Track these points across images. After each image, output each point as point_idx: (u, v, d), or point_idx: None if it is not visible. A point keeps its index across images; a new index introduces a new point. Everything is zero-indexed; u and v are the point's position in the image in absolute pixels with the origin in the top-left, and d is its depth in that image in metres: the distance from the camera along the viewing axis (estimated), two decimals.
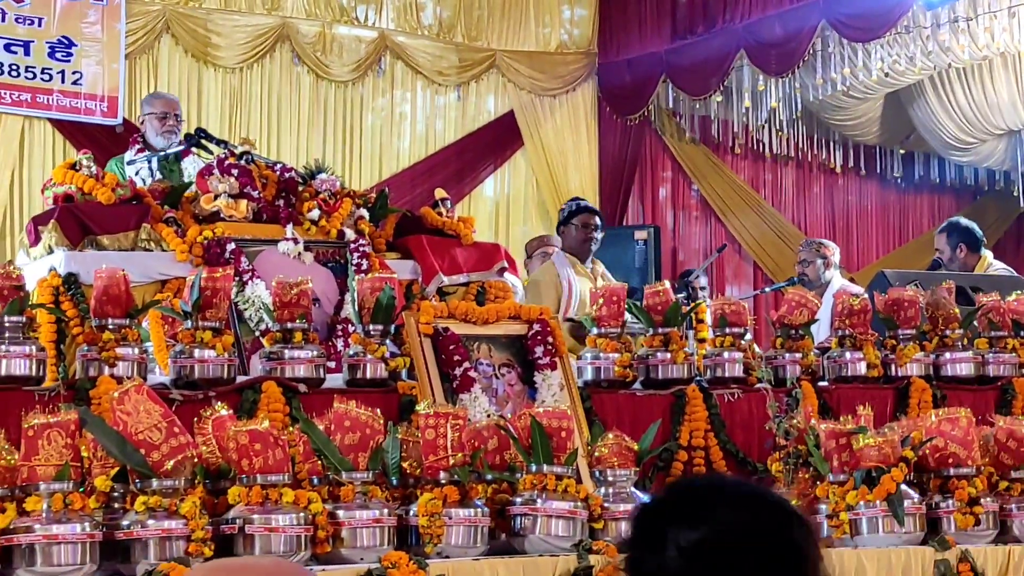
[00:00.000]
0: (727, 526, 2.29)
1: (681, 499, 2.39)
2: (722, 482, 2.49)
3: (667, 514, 2.36)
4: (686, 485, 2.54)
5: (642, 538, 2.39)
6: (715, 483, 2.50)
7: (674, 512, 2.36)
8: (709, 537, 2.29)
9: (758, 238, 15.85)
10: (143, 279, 6.53)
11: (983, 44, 12.95)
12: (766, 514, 2.32)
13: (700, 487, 2.44)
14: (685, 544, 2.29)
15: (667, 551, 2.30)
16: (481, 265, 7.42)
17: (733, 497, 2.35)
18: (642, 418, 6.56)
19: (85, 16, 12.72)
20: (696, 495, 2.37)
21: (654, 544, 2.34)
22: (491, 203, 15.11)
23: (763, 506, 2.33)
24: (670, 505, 2.39)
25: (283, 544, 5.11)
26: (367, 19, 14.39)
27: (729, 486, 2.42)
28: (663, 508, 2.40)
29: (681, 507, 2.36)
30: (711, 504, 2.33)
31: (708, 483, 2.52)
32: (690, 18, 14.69)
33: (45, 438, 4.92)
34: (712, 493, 2.37)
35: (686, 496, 2.40)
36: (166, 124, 8.63)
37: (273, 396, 5.94)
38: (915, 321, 7.33)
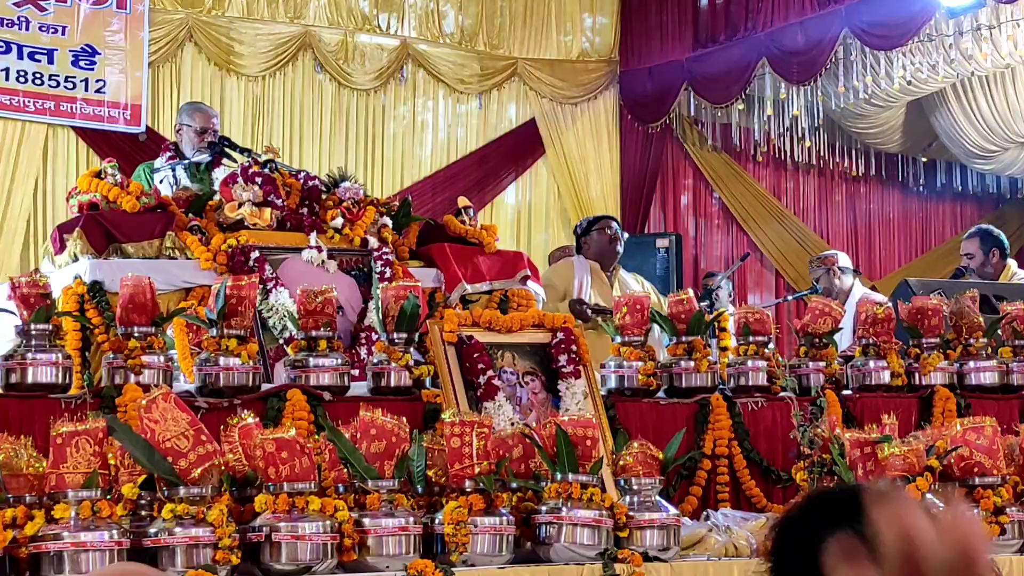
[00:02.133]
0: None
1: (828, 504, 2.43)
2: (863, 486, 2.53)
3: (817, 519, 2.40)
4: (829, 490, 2.58)
5: (793, 543, 2.43)
6: (857, 487, 2.55)
7: (824, 516, 2.39)
8: (866, 532, 2.32)
9: (780, 246, 15.84)
10: (168, 287, 6.55)
11: (1006, 52, 12.93)
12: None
13: (844, 492, 2.48)
14: (843, 539, 2.31)
15: (825, 549, 2.33)
16: (504, 273, 7.42)
17: (876, 498, 2.38)
18: (666, 427, 6.55)
19: (108, 24, 12.76)
20: (842, 499, 2.41)
21: (807, 546, 2.37)
22: (512, 211, 15.13)
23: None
24: (818, 510, 2.43)
25: (309, 552, 5.11)
26: (389, 27, 14.42)
27: (870, 489, 2.45)
28: (811, 514, 2.44)
29: (831, 510, 2.39)
30: (858, 505, 2.36)
31: (850, 488, 2.56)
32: (712, 26, 14.69)
33: (73, 446, 4.94)
34: (858, 496, 2.41)
35: (833, 501, 2.44)
36: (203, 140, 8.59)
37: (298, 404, 5.95)
38: (939, 330, 7.32)
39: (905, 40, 12.88)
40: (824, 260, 10.74)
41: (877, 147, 15.89)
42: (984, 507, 6.10)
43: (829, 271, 10.54)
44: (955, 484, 6.21)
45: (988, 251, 9.98)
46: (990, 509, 6.10)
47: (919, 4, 12.55)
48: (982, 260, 9.98)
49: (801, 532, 2.39)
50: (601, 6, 15.45)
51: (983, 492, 6.15)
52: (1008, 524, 6.14)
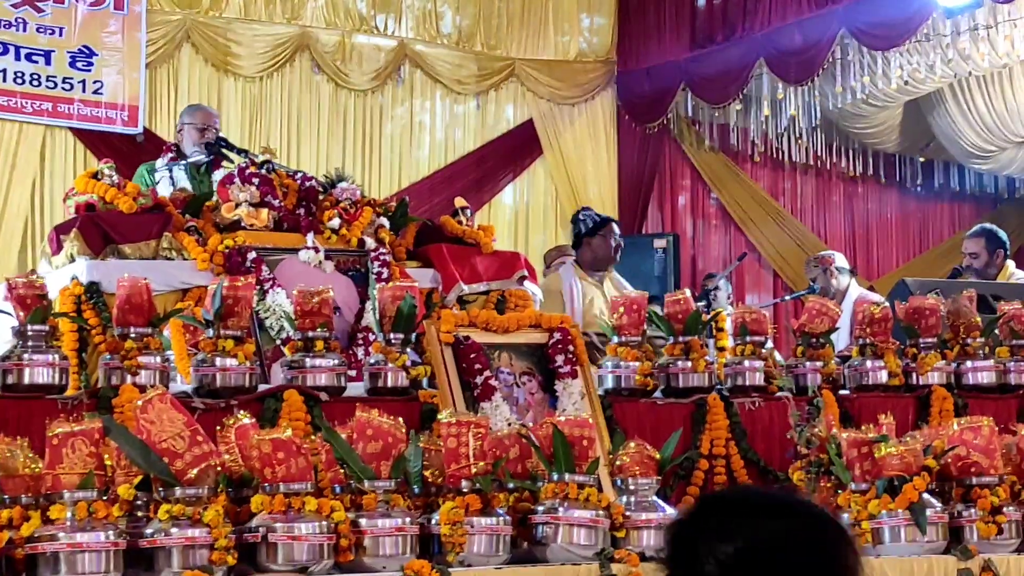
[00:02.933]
0: (765, 537, 2.27)
1: (716, 512, 2.37)
2: (756, 493, 2.46)
3: (703, 528, 2.34)
4: (720, 498, 2.51)
5: (679, 554, 2.37)
6: (749, 494, 2.48)
7: (709, 526, 2.33)
8: (747, 549, 2.26)
9: (777, 246, 15.85)
10: (164, 288, 6.54)
11: (1003, 52, 12.93)
12: (803, 523, 2.31)
13: (734, 499, 2.41)
14: (723, 557, 2.27)
15: (706, 566, 2.29)
16: (501, 274, 7.42)
17: (769, 507, 2.33)
18: (663, 427, 6.55)
19: (106, 26, 12.77)
20: (731, 507, 2.34)
21: (691, 559, 2.32)
22: (510, 212, 15.13)
23: (800, 515, 2.32)
24: (705, 519, 2.37)
25: (306, 552, 5.11)
26: (386, 28, 14.43)
27: (764, 497, 2.39)
28: (698, 522, 2.38)
29: (717, 520, 2.33)
30: (747, 515, 2.30)
31: (742, 495, 2.49)
32: (709, 27, 14.69)
33: (69, 446, 4.93)
34: (747, 504, 2.35)
35: (721, 509, 2.37)
36: (204, 137, 8.63)
37: (295, 405, 5.95)
38: (936, 329, 7.31)
39: (902, 40, 12.88)
40: (821, 260, 10.75)
41: (875, 147, 15.90)
42: (981, 507, 6.10)
43: (826, 271, 10.54)
44: (952, 483, 6.22)
45: (993, 251, 9.98)
46: (987, 509, 6.10)
47: (916, 4, 12.55)
48: (986, 260, 9.98)
49: (687, 540, 2.35)
50: (599, 7, 15.46)
51: (980, 492, 6.15)
52: (1005, 524, 6.14)
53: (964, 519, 6.14)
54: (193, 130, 8.73)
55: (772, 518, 2.30)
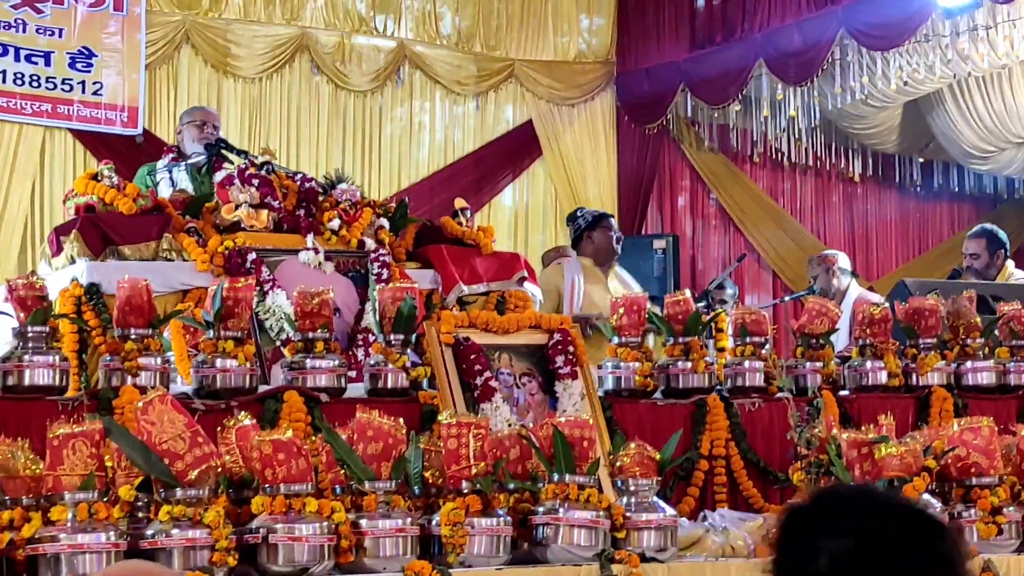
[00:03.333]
0: (878, 535, 2.31)
1: (831, 507, 2.42)
2: (870, 492, 2.51)
3: (818, 522, 2.39)
4: (835, 494, 2.57)
5: (792, 544, 2.42)
6: (864, 493, 2.53)
7: (825, 520, 2.38)
8: (860, 546, 2.31)
9: (777, 247, 15.85)
10: (165, 289, 6.54)
11: (1003, 52, 12.92)
12: (914, 524, 2.36)
13: (849, 496, 2.46)
14: (836, 552, 2.31)
15: (818, 559, 2.33)
16: (501, 275, 7.42)
17: (882, 507, 2.38)
18: (663, 427, 6.55)
19: (105, 27, 12.76)
20: (846, 504, 2.39)
21: (804, 551, 2.36)
22: (510, 212, 15.13)
23: (911, 516, 2.37)
24: (821, 513, 2.42)
25: (307, 553, 5.11)
26: (386, 29, 14.43)
27: (877, 496, 2.45)
28: (814, 516, 2.43)
29: (832, 515, 2.38)
30: (861, 513, 2.35)
31: (857, 492, 2.55)
32: (708, 27, 14.69)
33: (70, 448, 4.94)
34: (861, 502, 2.40)
35: (836, 505, 2.43)
36: (203, 132, 8.65)
37: (295, 406, 5.95)
38: (936, 330, 7.32)
39: (902, 41, 12.87)
40: (824, 259, 10.73)
41: (874, 148, 15.90)
42: (981, 507, 6.10)
43: (828, 270, 10.53)
44: (952, 484, 6.22)
45: (994, 252, 9.99)
46: (987, 509, 6.10)
47: (916, 5, 12.55)
48: (987, 260, 9.98)
49: (801, 535, 2.38)
50: (598, 7, 15.45)
51: (980, 492, 6.15)
52: (1005, 524, 6.14)
53: (964, 520, 6.14)
54: (192, 127, 8.74)
55: (888, 518, 2.35)
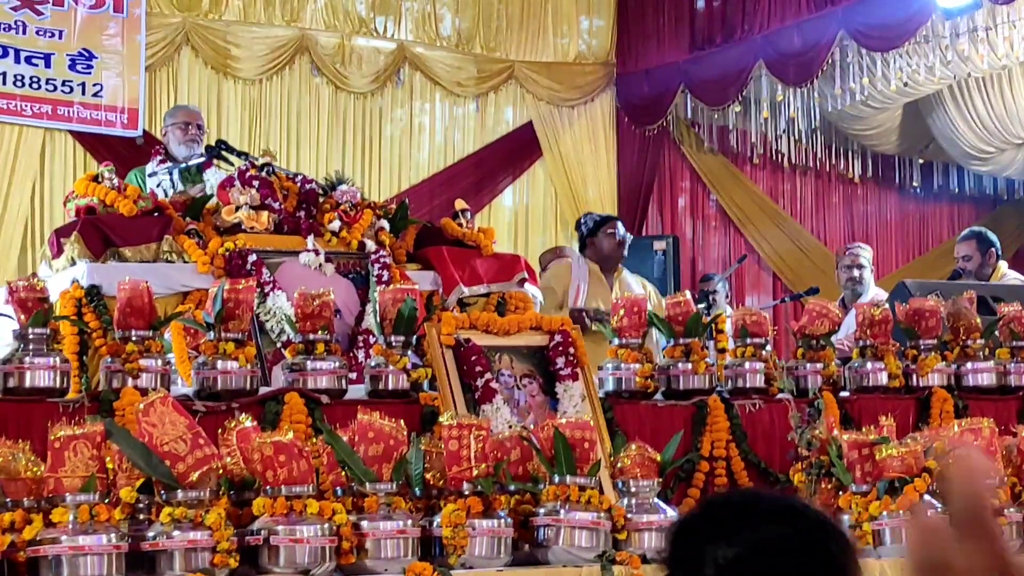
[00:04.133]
0: (766, 541, 2.25)
1: (718, 515, 2.35)
2: (758, 497, 2.43)
3: (704, 530, 2.32)
4: (722, 501, 2.50)
5: (679, 556, 2.36)
6: (751, 498, 2.45)
7: (711, 528, 2.32)
8: (748, 553, 2.24)
9: (777, 248, 15.84)
10: (165, 291, 6.54)
11: (1002, 53, 12.92)
12: (804, 528, 2.28)
13: (736, 502, 2.39)
14: (723, 561, 2.25)
15: (705, 568, 2.28)
16: (501, 276, 7.42)
17: (770, 511, 2.31)
18: (663, 429, 6.56)
19: (105, 29, 12.76)
20: (732, 510, 2.33)
21: (692, 562, 2.30)
22: (510, 214, 15.12)
23: (801, 520, 2.29)
24: (706, 521, 2.36)
25: (308, 555, 5.12)
26: (386, 30, 14.42)
27: (765, 500, 2.37)
28: (699, 524, 2.36)
29: (718, 523, 2.32)
30: (748, 519, 2.28)
31: (744, 498, 2.47)
32: (708, 28, 14.68)
33: (71, 450, 4.94)
34: (748, 508, 2.32)
35: (723, 512, 2.35)
36: (188, 133, 8.66)
37: (296, 407, 5.95)
38: (936, 331, 7.32)
39: (902, 42, 12.87)
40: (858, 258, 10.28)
41: (874, 149, 15.90)
42: None
43: (867, 267, 10.20)
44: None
45: (985, 252, 9.98)
46: None
47: (916, 6, 12.55)
48: (980, 261, 9.97)
49: (688, 545, 2.34)
50: (597, 9, 15.45)
51: None
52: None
53: None
54: (176, 129, 8.74)
55: (775, 522, 2.29)
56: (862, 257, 10.23)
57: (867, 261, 10.23)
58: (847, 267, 10.19)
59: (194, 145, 8.60)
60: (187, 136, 8.66)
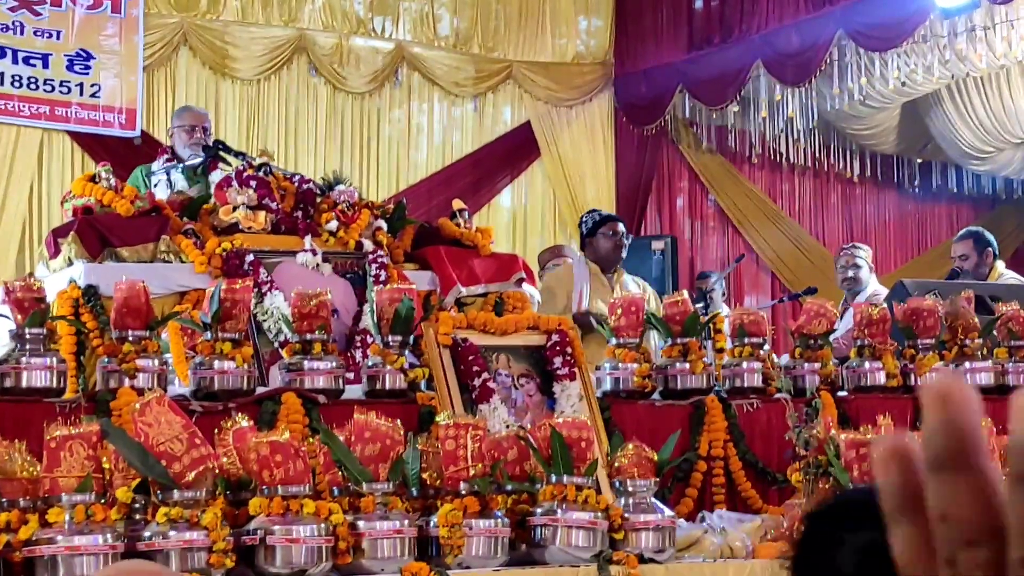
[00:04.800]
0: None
1: (855, 504, 2.46)
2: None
3: (842, 517, 2.42)
4: (859, 492, 2.60)
5: (815, 539, 2.45)
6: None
7: (849, 515, 2.42)
8: (883, 538, 2.33)
9: (775, 248, 15.84)
10: (162, 291, 6.54)
11: (1001, 53, 12.93)
12: None
13: (871, 493, 2.48)
14: (860, 544, 2.33)
15: (842, 550, 2.36)
16: (499, 276, 7.42)
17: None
18: (661, 428, 6.55)
19: (103, 29, 12.75)
20: (868, 500, 2.42)
21: (827, 545, 2.39)
22: (508, 214, 15.12)
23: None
24: (844, 509, 2.46)
25: (304, 555, 5.11)
26: (384, 31, 14.42)
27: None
28: (837, 512, 2.47)
29: (855, 511, 2.42)
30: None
31: (877, 490, 2.57)
32: (706, 28, 14.69)
33: (67, 450, 4.94)
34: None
35: (860, 501, 2.46)
36: (193, 137, 8.65)
37: (293, 407, 5.95)
38: (934, 331, 7.32)
39: (900, 41, 12.87)
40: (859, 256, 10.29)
41: (872, 148, 15.90)
42: None
43: (863, 267, 10.18)
44: None
45: (982, 251, 9.97)
46: None
47: (914, 5, 12.55)
48: (976, 261, 9.96)
49: (824, 530, 2.41)
50: (596, 9, 15.45)
51: None
52: None
53: None
54: (182, 132, 8.74)
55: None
56: (858, 257, 10.22)
57: (863, 260, 10.21)
58: (843, 268, 10.19)
59: (199, 148, 8.57)
60: (192, 139, 8.65)
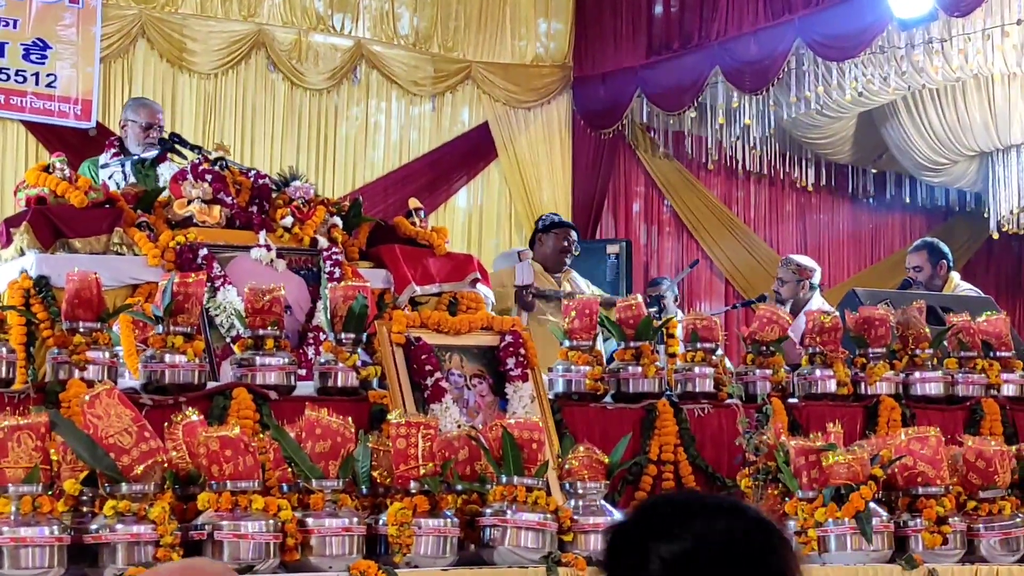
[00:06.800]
0: (708, 538, 2.28)
1: (661, 513, 2.38)
2: (699, 496, 2.47)
3: (647, 529, 2.34)
4: (664, 500, 2.53)
5: (622, 553, 2.37)
6: (693, 497, 2.48)
7: (654, 526, 2.34)
8: (691, 549, 2.26)
9: (730, 254, 15.87)
10: (115, 283, 6.51)
11: (957, 66, 13.00)
12: (746, 526, 2.31)
13: (679, 501, 2.41)
14: (667, 556, 2.27)
15: (649, 565, 2.29)
16: (454, 276, 7.42)
17: (712, 510, 2.33)
18: (612, 431, 6.56)
19: (60, 19, 12.67)
20: (675, 509, 2.35)
21: (635, 559, 2.32)
22: (464, 214, 15.11)
23: (742, 518, 2.33)
24: (649, 519, 2.38)
25: (252, 551, 5.09)
26: (343, 28, 14.38)
27: (707, 500, 2.40)
28: (642, 523, 2.38)
29: (661, 521, 2.34)
30: (691, 517, 2.31)
31: (686, 497, 2.50)
32: (666, 34, 14.71)
33: (15, 440, 4.90)
34: (691, 507, 2.35)
35: (666, 510, 2.38)
36: (148, 136, 8.59)
37: (243, 403, 5.93)
38: (885, 340, 7.36)
39: (857, 51, 12.92)
40: (801, 271, 10.51)
41: (828, 157, 15.94)
42: (927, 516, 6.14)
43: (800, 282, 10.41)
44: (899, 493, 6.25)
45: (936, 263, 10.03)
46: (933, 519, 6.14)
47: (872, 16, 12.59)
48: (930, 273, 10.02)
49: (631, 541, 2.36)
50: (556, 12, 15.46)
51: (926, 502, 6.18)
52: (950, 534, 6.18)
53: (910, 529, 6.18)
54: (137, 128, 8.68)
55: (717, 520, 2.30)
56: (780, 271, 10.50)
57: (787, 275, 10.43)
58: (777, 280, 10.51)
59: (152, 148, 8.50)
60: (147, 139, 8.59)
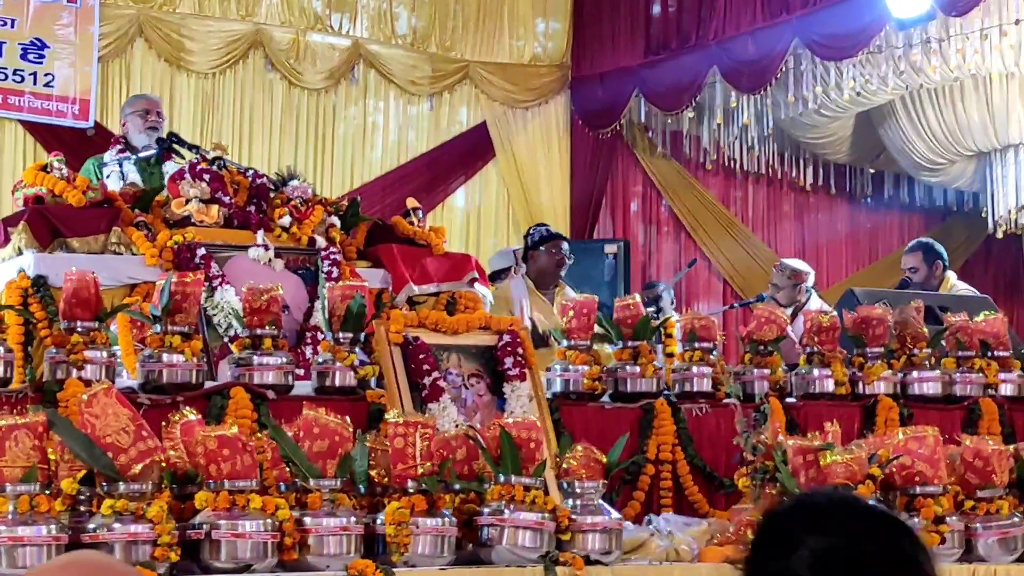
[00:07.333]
0: (857, 536, 2.42)
1: (814, 508, 2.55)
2: (851, 497, 2.67)
3: (800, 520, 2.49)
4: (817, 496, 2.68)
5: (771, 540, 2.52)
6: (850, 497, 2.69)
7: (807, 518, 2.49)
8: (840, 545, 2.42)
9: (728, 254, 15.88)
10: (112, 283, 6.50)
11: (954, 65, 13.00)
12: (891, 530, 2.46)
13: (837, 498, 2.62)
14: (816, 548, 2.42)
15: (798, 554, 2.44)
16: (452, 275, 7.42)
17: (862, 510, 2.49)
18: (610, 431, 6.56)
19: (58, 18, 12.67)
20: (828, 505, 2.51)
21: (783, 546, 2.46)
22: (462, 214, 15.12)
23: (888, 522, 2.48)
24: (803, 512, 2.53)
25: (249, 550, 5.09)
26: (341, 27, 14.39)
27: (857, 501, 2.57)
28: (795, 514, 2.54)
29: (814, 515, 2.50)
30: (847, 515, 2.47)
31: (838, 497, 2.69)
32: (664, 34, 14.72)
33: (12, 439, 4.90)
34: (842, 505, 2.51)
35: (819, 505, 2.55)
36: (148, 120, 8.59)
37: (241, 402, 5.93)
38: (883, 339, 7.36)
39: (855, 51, 12.93)
40: (797, 275, 10.58)
41: (826, 158, 15.95)
42: (924, 516, 6.13)
43: (796, 287, 10.47)
44: (896, 492, 6.25)
45: (932, 263, 10.05)
46: (930, 518, 6.14)
47: (870, 16, 12.60)
48: (926, 273, 10.04)
49: (782, 529, 2.48)
50: (554, 11, 15.46)
51: (924, 501, 6.18)
52: (948, 533, 6.18)
53: None
54: (136, 117, 8.68)
55: (866, 521, 2.45)
56: (775, 277, 10.58)
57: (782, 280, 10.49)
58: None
59: (155, 132, 8.50)
60: (147, 123, 8.59)
